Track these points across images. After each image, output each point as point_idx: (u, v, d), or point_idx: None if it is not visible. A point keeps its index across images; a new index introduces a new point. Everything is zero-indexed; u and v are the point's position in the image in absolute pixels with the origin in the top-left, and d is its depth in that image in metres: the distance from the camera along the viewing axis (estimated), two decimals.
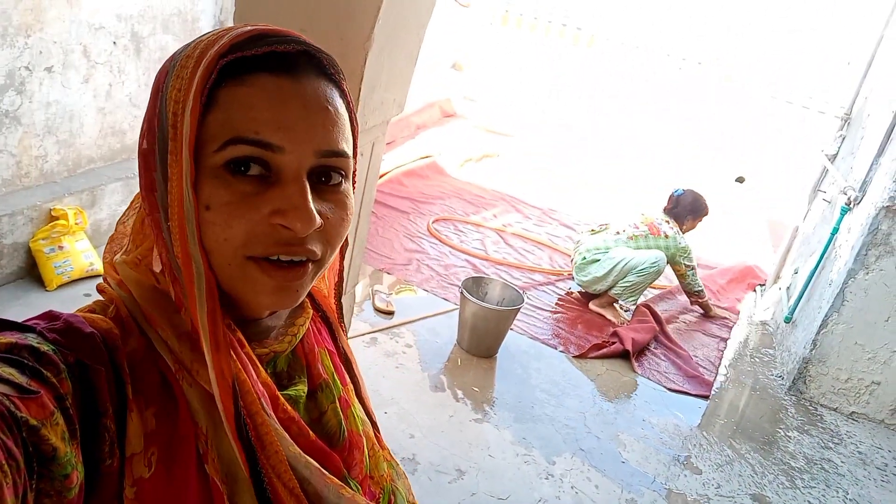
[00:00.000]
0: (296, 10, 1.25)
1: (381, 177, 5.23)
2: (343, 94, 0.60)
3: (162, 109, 0.55)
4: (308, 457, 0.59)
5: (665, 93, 8.35)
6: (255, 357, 0.60)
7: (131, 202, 0.64)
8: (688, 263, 4.05)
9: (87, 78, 3.26)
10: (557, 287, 4.35)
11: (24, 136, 3.01)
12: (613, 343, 3.72)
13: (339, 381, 0.71)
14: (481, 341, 3.42)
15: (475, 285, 3.55)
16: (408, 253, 4.30)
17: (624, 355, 3.68)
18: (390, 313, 3.59)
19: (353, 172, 0.62)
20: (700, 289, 4.21)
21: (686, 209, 4.09)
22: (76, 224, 3.14)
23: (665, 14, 8.50)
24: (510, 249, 4.75)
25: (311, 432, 0.62)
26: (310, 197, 0.54)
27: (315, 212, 0.54)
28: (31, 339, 0.49)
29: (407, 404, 2.97)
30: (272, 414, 0.58)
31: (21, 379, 0.45)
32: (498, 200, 5.59)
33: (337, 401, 0.69)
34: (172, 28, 3.70)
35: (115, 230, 0.64)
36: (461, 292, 3.35)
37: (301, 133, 0.54)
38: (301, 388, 0.66)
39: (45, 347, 0.49)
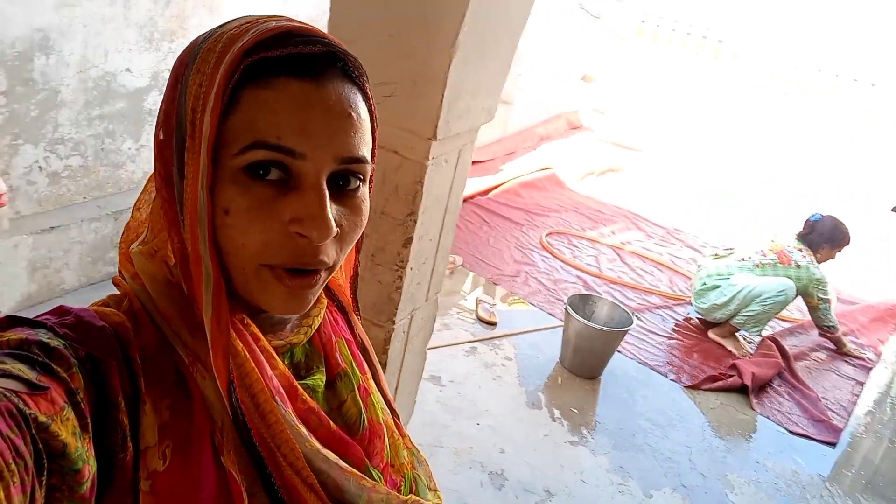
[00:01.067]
0: (385, 18, 1.25)
1: (497, 187, 5.21)
2: (366, 97, 0.59)
3: (181, 102, 0.54)
4: (326, 450, 0.59)
5: (814, 111, 7.74)
6: (271, 350, 0.60)
7: (145, 186, 0.63)
8: (822, 296, 3.70)
9: None
10: (675, 312, 4.12)
11: None
12: (731, 376, 3.46)
13: (357, 370, 0.71)
14: (584, 361, 3.29)
15: (582, 303, 3.43)
16: (517, 265, 4.23)
17: (742, 390, 3.41)
18: (493, 324, 3.54)
19: (371, 174, 0.61)
20: (832, 324, 3.83)
21: (823, 237, 3.74)
22: None
23: (818, 27, 7.90)
24: (626, 268, 4.56)
25: (331, 423, 0.62)
26: (328, 206, 0.53)
27: (332, 221, 0.53)
28: (42, 335, 0.49)
29: (501, 418, 2.91)
30: (288, 410, 0.58)
31: (31, 375, 0.45)
32: (618, 216, 5.40)
33: (356, 389, 0.69)
34: None
35: (131, 216, 0.64)
36: (566, 309, 3.25)
37: (323, 140, 0.53)
38: (319, 378, 0.66)
39: (55, 342, 0.49)
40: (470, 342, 3.38)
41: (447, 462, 2.60)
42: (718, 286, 3.74)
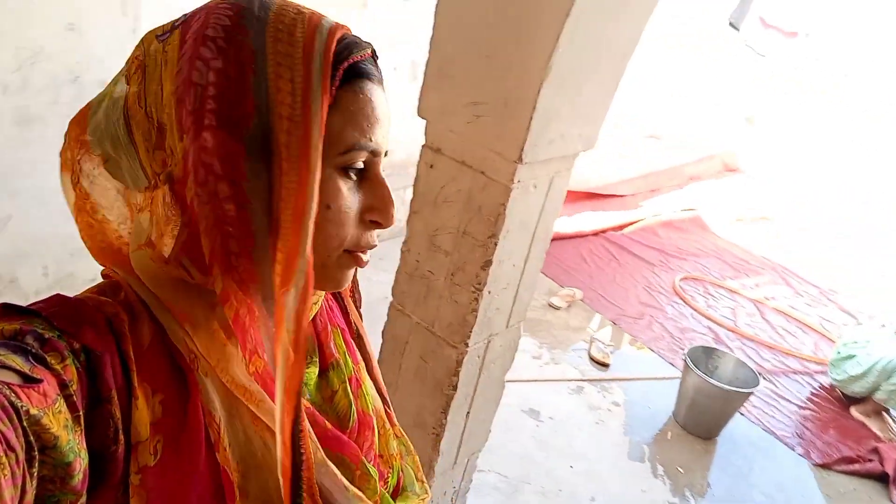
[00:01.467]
0: (483, 38, 1.23)
1: (633, 223, 5.02)
2: None
3: (261, 95, 0.51)
4: (328, 462, 0.60)
5: None
6: None
7: (74, 186, 0.59)
8: None
9: None
10: (814, 378, 3.73)
11: None
12: (871, 461, 3.07)
13: (350, 360, 0.71)
14: (700, 419, 3.05)
15: (704, 356, 3.19)
16: (642, 306, 4.03)
17: (881, 478, 3.00)
18: (605, 365, 3.39)
19: None
20: None
21: None
22: None
23: None
24: (766, 325, 4.19)
25: (326, 422, 0.62)
26: None
27: None
28: (36, 325, 0.49)
29: (597, 464, 2.76)
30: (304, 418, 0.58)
31: (24, 366, 0.45)
32: (765, 268, 5.00)
33: (348, 381, 0.69)
34: None
35: (88, 219, 0.60)
36: (685, 360, 3.04)
37: (387, 137, 0.59)
38: (312, 371, 0.67)
39: (49, 333, 0.48)
40: (577, 381, 3.25)
41: (532, 500, 2.50)
42: (854, 356, 3.33)
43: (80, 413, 0.47)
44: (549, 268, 4.20)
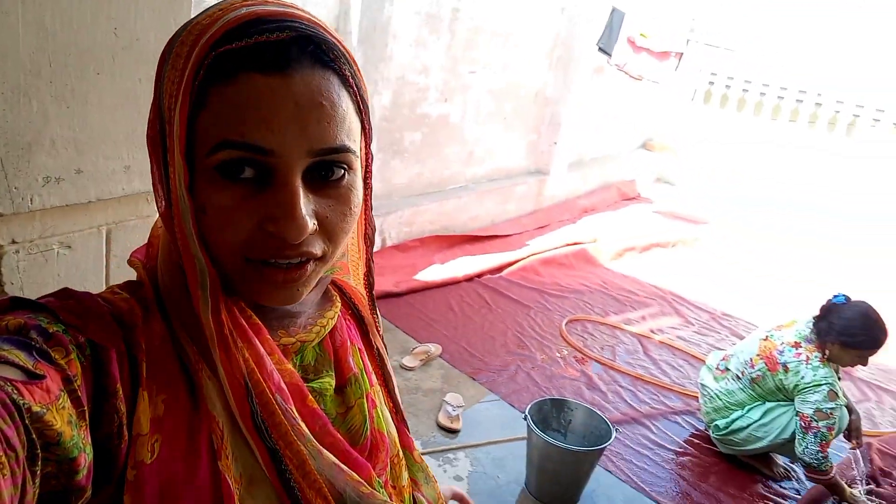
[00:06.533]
0: None
1: (512, 264, 4.70)
2: (344, 81, 0.54)
3: (160, 100, 0.54)
4: (327, 452, 0.59)
5: None
6: (273, 345, 0.59)
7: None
8: (815, 409, 2.63)
9: None
10: (698, 418, 3.39)
11: None
12: None
13: (366, 379, 0.70)
14: (553, 487, 2.67)
15: (555, 410, 2.83)
16: (508, 356, 3.67)
17: None
18: (454, 432, 3.00)
19: (367, 162, 0.60)
20: (814, 461, 2.63)
21: (835, 329, 2.67)
22: None
23: None
24: (648, 361, 3.88)
25: (335, 432, 0.61)
26: (301, 203, 0.52)
27: (306, 218, 0.52)
28: (41, 319, 0.49)
29: None
30: (290, 408, 0.57)
31: (27, 362, 0.45)
32: (654, 299, 4.72)
33: (365, 397, 0.68)
34: None
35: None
36: (525, 418, 2.66)
37: (291, 134, 0.51)
38: (328, 381, 0.65)
39: (54, 328, 0.48)
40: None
41: None
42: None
43: (85, 408, 0.47)
44: (409, 322, 3.83)
